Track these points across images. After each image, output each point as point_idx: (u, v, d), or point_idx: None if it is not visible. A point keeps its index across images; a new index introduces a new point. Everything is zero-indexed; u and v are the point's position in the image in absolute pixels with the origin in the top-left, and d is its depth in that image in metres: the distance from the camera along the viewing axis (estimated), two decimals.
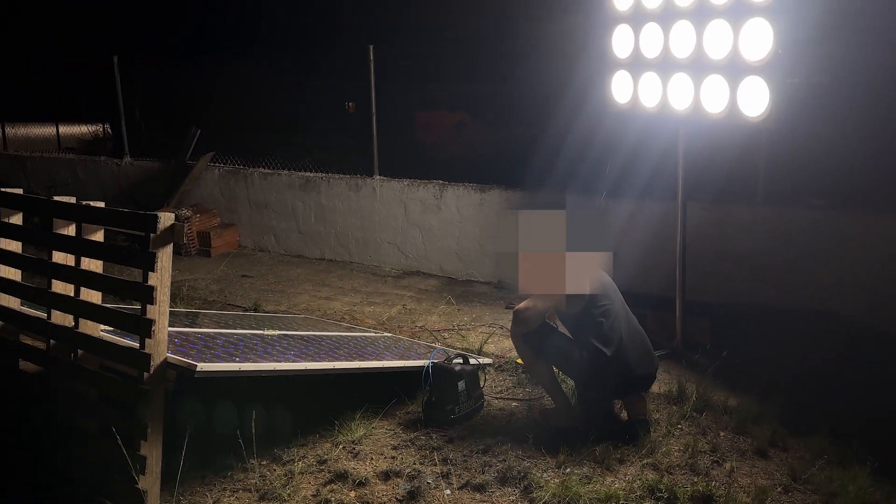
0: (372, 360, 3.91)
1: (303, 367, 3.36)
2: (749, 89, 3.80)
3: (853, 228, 4.86)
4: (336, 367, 3.54)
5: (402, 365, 3.96)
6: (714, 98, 4.00)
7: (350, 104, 10.20)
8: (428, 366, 3.87)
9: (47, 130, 11.76)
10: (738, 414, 3.84)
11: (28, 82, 11.54)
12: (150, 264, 2.73)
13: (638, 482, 3.22)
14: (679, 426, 3.80)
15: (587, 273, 3.56)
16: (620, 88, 4.61)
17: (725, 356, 4.27)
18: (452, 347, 4.90)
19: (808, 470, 3.30)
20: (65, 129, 12.08)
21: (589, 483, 3.21)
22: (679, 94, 4.21)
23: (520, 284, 3.57)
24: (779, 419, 3.75)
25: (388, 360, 4.02)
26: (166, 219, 2.75)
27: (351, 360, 3.75)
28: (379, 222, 6.87)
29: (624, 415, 3.83)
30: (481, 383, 4.10)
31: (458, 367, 3.89)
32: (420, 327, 5.33)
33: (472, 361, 4.16)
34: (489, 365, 4.55)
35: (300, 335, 4.26)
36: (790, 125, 4.51)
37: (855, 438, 3.44)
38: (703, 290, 5.15)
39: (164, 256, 2.77)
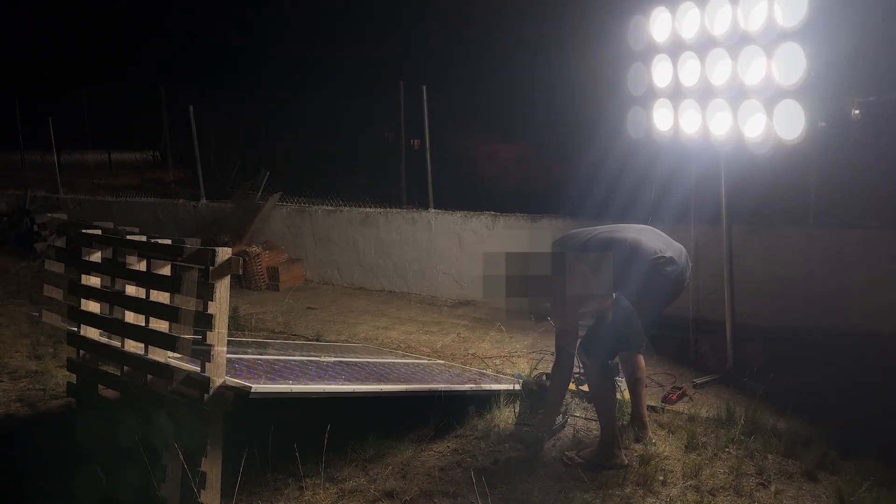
0: (421, 384, 4.08)
1: (351, 389, 3.56)
2: (784, 113, 3.85)
3: None
4: (384, 389, 3.72)
5: (450, 388, 4.11)
6: (751, 122, 4.05)
7: (415, 141, 10.58)
8: (522, 383, 4.19)
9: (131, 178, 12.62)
10: (787, 437, 3.81)
11: (114, 131, 12.43)
12: (209, 294, 3.01)
13: (678, 503, 3.26)
14: (727, 449, 3.80)
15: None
16: (662, 116, 4.70)
17: (775, 379, 4.23)
18: (502, 373, 5.02)
19: (856, 492, 3.25)
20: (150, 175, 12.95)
21: None
22: (718, 120, 4.27)
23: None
24: (829, 442, 3.70)
25: (437, 384, 4.18)
26: (223, 253, 3.03)
27: (400, 384, 3.93)
28: (434, 253, 7.10)
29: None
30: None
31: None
32: (472, 354, 5.47)
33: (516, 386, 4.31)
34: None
35: (354, 361, 4.48)
36: (840, 144, 4.50)
37: None
38: (756, 314, 5.11)
39: (222, 287, 3.04)
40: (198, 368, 3.10)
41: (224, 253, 3.04)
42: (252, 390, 3.01)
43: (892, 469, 3.36)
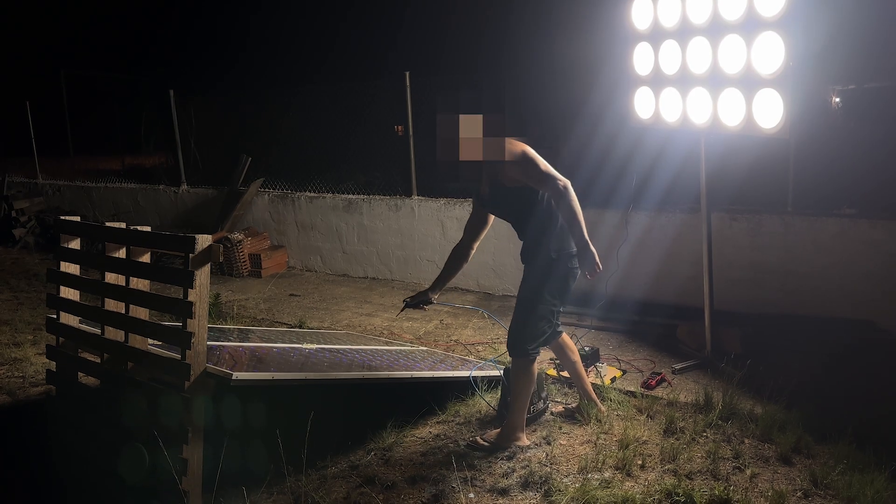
0: (403, 370, 4.10)
1: (334, 376, 3.57)
2: (763, 102, 3.88)
3: (884, 236, 4.83)
4: (366, 376, 3.74)
5: (433, 375, 4.13)
6: (731, 111, 4.08)
7: (399, 127, 10.55)
8: (504, 371, 4.09)
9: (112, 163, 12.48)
10: (764, 422, 3.87)
11: (94, 117, 12.28)
12: (189, 282, 3.00)
13: (656, 486, 3.31)
14: (704, 434, 3.86)
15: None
16: (643, 104, 4.72)
17: (752, 365, 4.30)
18: (485, 360, 5.05)
19: (829, 475, 3.32)
20: (130, 161, 12.80)
21: (608, 487, 3.31)
22: (698, 109, 4.30)
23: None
24: (805, 427, 3.76)
25: (419, 370, 4.20)
26: (203, 241, 3.01)
27: (382, 371, 3.95)
28: (418, 240, 7.10)
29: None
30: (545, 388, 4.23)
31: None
32: (455, 341, 5.50)
33: (498, 372, 4.34)
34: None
35: (336, 348, 4.49)
36: (819, 133, 4.54)
37: (878, 444, 3.45)
38: (735, 300, 5.18)
39: (202, 275, 3.03)
40: (178, 356, 3.09)
41: (204, 241, 3.03)
42: (233, 378, 3.01)
43: (864, 453, 3.42)
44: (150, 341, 3.38)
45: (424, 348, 5.23)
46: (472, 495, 3.37)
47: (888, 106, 4.80)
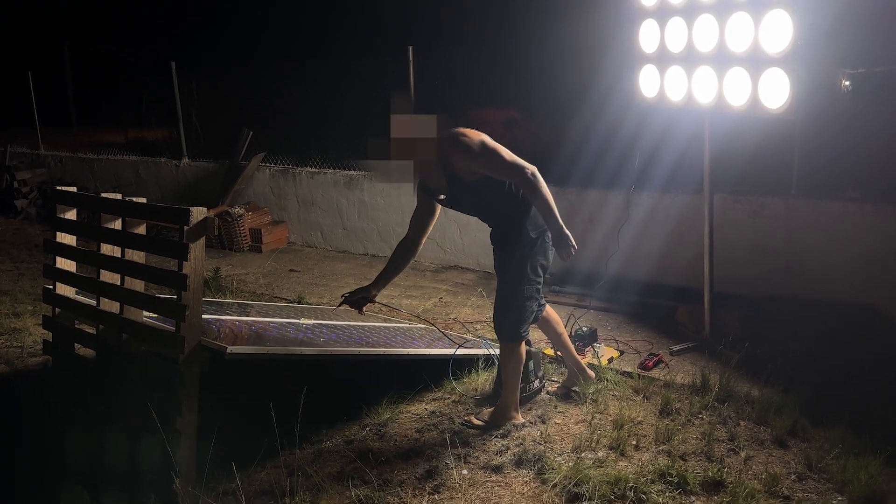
0: (400, 347, 4.09)
1: (329, 351, 3.56)
2: (770, 81, 3.82)
3: (888, 221, 4.78)
4: (361, 352, 3.73)
5: (427, 352, 4.12)
6: (736, 90, 4.02)
7: None
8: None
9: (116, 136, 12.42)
10: (760, 404, 3.86)
11: (97, 88, 12.20)
12: (183, 254, 2.98)
13: (650, 467, 3.30)
14: (700, 415, 3.85)
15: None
16: (648, 82, 4.66)
17: (751, 347, 4.28)
18: (482, 338, 5.04)
19: (824, 459, 3.31)
20: (133, 134, 12.72)
21: (601, 467, 3.31)
22: (703, 87, 4.24)
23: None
24: (801, 410, 3.75)
25: (416, 348, 4.19)
26: (198, 213, 2.99)
27: (379, 347, 3.94)
28: None
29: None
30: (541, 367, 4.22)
31: (528, 351, 4.05)
32: (453, 319, 5.49)
33: (492, 351, 4.33)
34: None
35: (334, 324, 4.48)
36: (825, 115, 4.48)
37: (874, 429, 3.43)
38: (736, 282, 5.15)
39: (197, 248, 3.01)
40: (173, 329, 3.08)
41: (199, 213, 3.01)
42: (228, 351, 3.00)
43: (860, 437, 3.41)
44: (146, 313, 3.37)
45: (422, 325, 5.22)
46: (465, 472, 3.37)
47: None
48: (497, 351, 4.31)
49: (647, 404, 3.99)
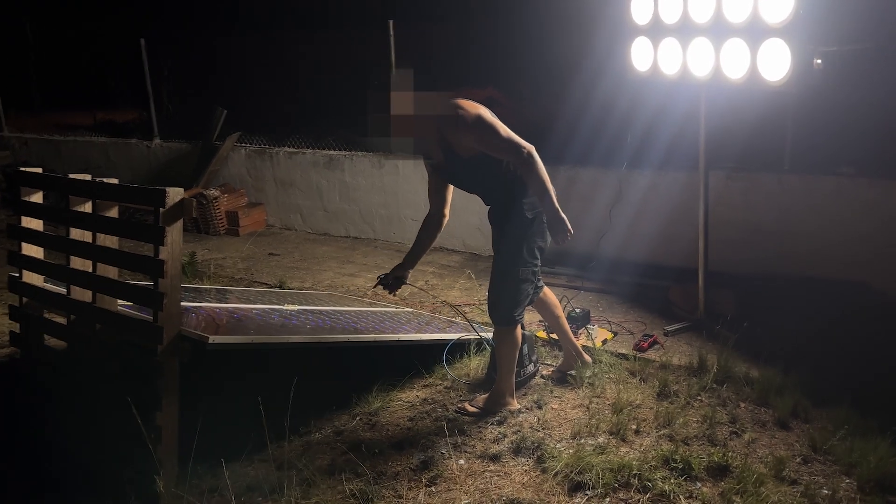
0: (389, 333, 3.93)
1: (316, 339, 3.40)
2: (770, 53, 3.68)
3: (881, 197, 4.70)
4: (350, 338, 3.57)
5: (419, 338, 3.98)
6: (734, 63, 3.88)
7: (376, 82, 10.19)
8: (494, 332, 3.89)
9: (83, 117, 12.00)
10: (760, 385, 3.77)
11: (62, 68, 11.76)
12: (159, 239, 2.78)
13: (653, 452, 3.20)
14: (699, 397, 3.76)
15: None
16: (640, 55, 4.50)
17: (748, 327, 4.18)
18: (472, 321, 4.90)
19: (829, 441, 3.23)
20: (102, 115, 12.30)
21: (602, 453, 3.19)
22: (699, 60, 4.09)
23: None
24: (802, 390, 3.67)
25: (405, 333, 4.04)
26: (174, 194, 2.79)
27: (367, 333, 3.78)
28: (402, 199, 6.88)
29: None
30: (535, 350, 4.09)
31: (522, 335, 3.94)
32: (441, 302, 5.34)
33: (484, 335, 4.20)
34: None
35: (319, 310, 4.31)
36: (818, 90, 4.36)
37: (879, 409, 3.36)
38: (729, 261, 5.05)
39: (174, 231, 2.81)
40: (150, 318, 2.89)
41: (175, 194, 2.81)
42: (210, 341, 2.82)
43: (865, 417, 3.33)
44: (121, 301, 3.17)
45: (409, 310, 5.07)
46: (462, 462, 3.24)
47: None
48: (490, 335, 4.18)
49: (644, 387, 3.89)
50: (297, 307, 4.19)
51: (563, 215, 3.15)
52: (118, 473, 2.96)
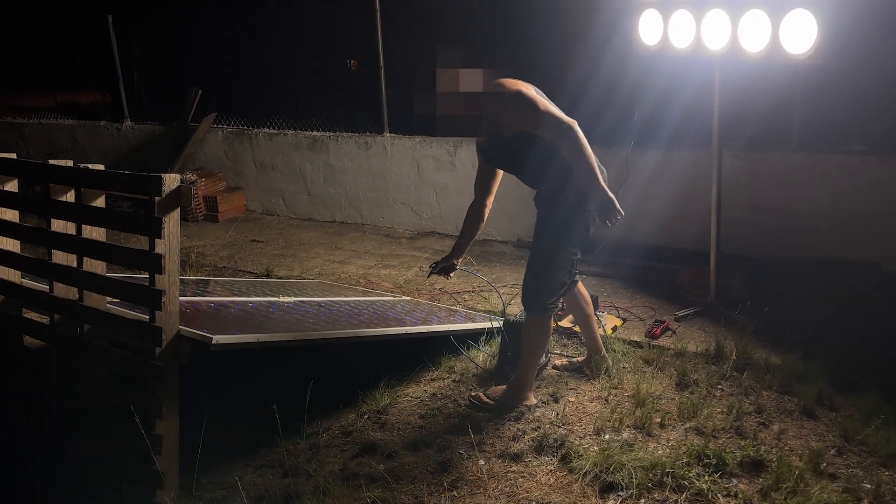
0: (394, 325, 3.72)
1: (322, 336, 3.17)
2: (794, 24, 3.51)
3: (892, 174, 4.59)
4: (362, 334, 3.34)
5: (429, 330, 3.76)
6: (754, 35, 3.71)
7: (352, 61, 9.81)
8: (503, 322, 3.77)
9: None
10: (782, 372, 3.64)
11: (23, 48, 11.19)
12: (156, 231, 2.52)
13: (683, 448, 3.04)
14: (719, 386, 3.62)
15: None
16: (649, 28, 4.30)
17: (759, 311, 4.04)
18: (474, 309, 4.71)
19: (862, 431, 3.11)
20: (64, 96, 11.75)
21: (631, 450, 3.03)
22: (714, 33, 3.91)
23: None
24: (825, 377, 3.55)
25: (410, 325, 3.82)
26: (171, 181, 2.53)
27: (373, 327, 3.56)
28: (391, 182, 6.63)
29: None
30: None
31: None
32: (439, 290, 5.12)
33: (493, 324, 4.02)
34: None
35: (317, 301, 4.07)
36: (828, 65, 4.21)
37: None
38: (737, 243, 4.92)
39: (171, 222, 2.55)
40: (146, 317, 2.63)
41: (172, 181, 2.54)
42: (213, 342, 2.58)
43: (893, 404, 3.22)
44: (110, 300, 2.90)
45: (408, 298, 4.85)
46: (482, 462, 3.05)
47: None
48: (499, 324, 3.99)
49: (661, 376, 3.74)
50: (294, 299, 3.95)
51: (612, 195, 2.96)
52: (116, 488, 2.71)
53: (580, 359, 3.91)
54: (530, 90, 3.06)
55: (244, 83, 8.51)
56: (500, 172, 3.47)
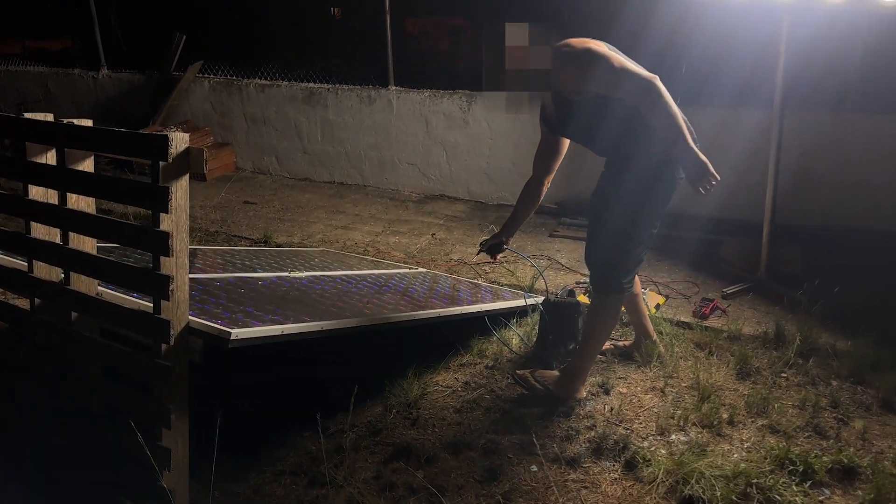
0: (422, 308, 3.29)
1: (356, 324, 2.73)
2: None
3: None
4: (402, 318, 2.91)
5: (468, 311, 3.34)
6: None
7: (336, 10, 9.18)
8: (543, 302, 3.37)
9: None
10: (852, 359, 3.30)
11: None
12: (162, 203, 2.04)
13: (762, 451, 2.68)
14: (783, 375, 3.26)
15: None
16: None
17: (818, 288, 3.68)
18: (498, 283, 4.30)
19: None
20: (33, 44, 10.93)
21: (704, 455, 2.66)
22: None
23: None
24: None
25: (440, 307, 3.39)
26: (180, 141, 2.04)
27: (407, 311, 3.13)
28: (396, 140, 6.12)
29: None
30: None
31: (578, 303, 3.39)
32: (457, 260, 4.69)
33: (529, 302, 3.62)
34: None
35: (332, 276, 3.62)
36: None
37: None
38: (789, 213, 4.52)
39: (180, 192, 2.08)
40: (149, 307, 2.17)
41: (181, 141, 2.06)
42: (232, 337, 2.13)
43: None
44: (100, 283, 2.43)
45: (424, 270, 4.42)
46: (534, 468, 2.67)
47: None
48: (534, 301, 3.58)
49: (718, 363, 3.37)
50: (306, 274, 3.50)
51: (704, 157, 2.53)
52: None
53: (625, 342, 3.53)
54: (601, 46, 2.61)
55: (234, 28, 7.84)
56: (565, 147, 3.03)
